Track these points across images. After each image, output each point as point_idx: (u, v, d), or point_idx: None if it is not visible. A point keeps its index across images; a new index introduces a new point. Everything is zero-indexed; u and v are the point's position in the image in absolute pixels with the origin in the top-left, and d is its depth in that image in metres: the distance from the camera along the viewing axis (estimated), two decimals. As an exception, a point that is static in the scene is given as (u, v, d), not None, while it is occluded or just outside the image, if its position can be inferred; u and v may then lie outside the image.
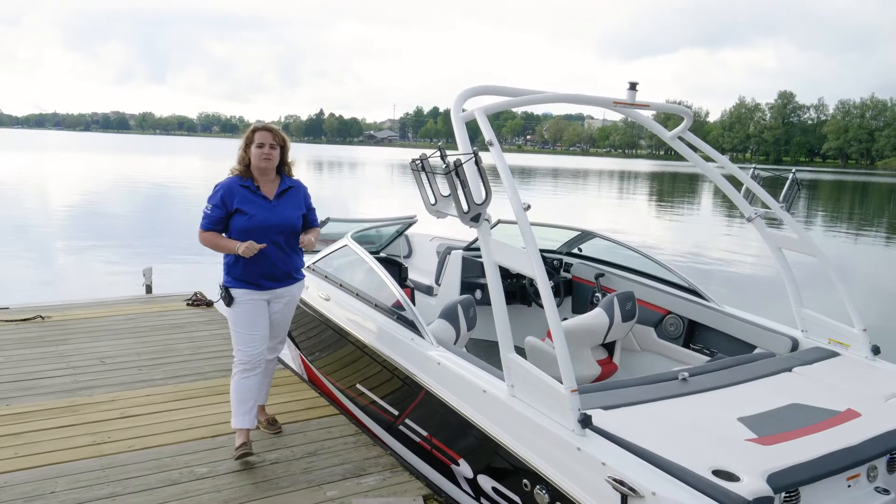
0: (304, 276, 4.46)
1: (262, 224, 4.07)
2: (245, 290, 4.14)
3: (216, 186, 4.14)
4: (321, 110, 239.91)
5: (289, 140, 4.26)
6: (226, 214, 4.08)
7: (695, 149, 4.68)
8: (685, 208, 33.62)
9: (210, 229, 4.11)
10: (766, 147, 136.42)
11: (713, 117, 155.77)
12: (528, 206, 3.37)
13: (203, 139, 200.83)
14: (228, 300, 4.15)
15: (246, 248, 3.96)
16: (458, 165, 3.26)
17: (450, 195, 3.35)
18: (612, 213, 29.09)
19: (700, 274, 14.35)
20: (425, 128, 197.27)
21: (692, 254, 17.43)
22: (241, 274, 4.12)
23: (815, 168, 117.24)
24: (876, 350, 4.17)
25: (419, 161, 3.47)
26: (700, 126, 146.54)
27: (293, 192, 4.27)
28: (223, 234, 4.16)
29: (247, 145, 4.13)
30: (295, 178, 4.35)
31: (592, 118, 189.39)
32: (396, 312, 4.41)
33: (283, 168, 4.26)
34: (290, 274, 4.28)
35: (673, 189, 49.41)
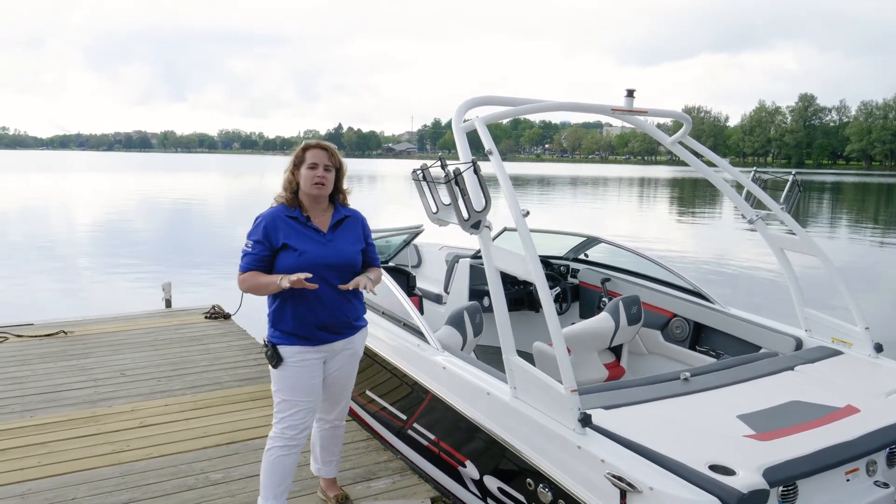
0: (366, 323, 3.71)
1: (315, 262, 3.34)
2: (297, 348, 3.41)
3: (257, 218, 3.44)
4: (340, 124, 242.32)
5: (345, 163, 3.60)
6: (270, 252, 3.37)
7: (696, 154, 4.74)
8: (706, 213, 33.42)
9: (251, 269, 3.36)
10: (788, 150, 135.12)
11: (733, 121, 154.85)
12: (527, 213, 3.46)
13: (223, 156, 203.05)
14: (276, 360, 3.40)
15: (295, 279, 3.19)
16: (457, 174, 3.35)
17: (451, 204, 3.44)
18: (633, 221, 29.00)
19: (728, 280, 14.33)
20: (443, 139, 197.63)
21: (717, 260, 17.38)
22: (292, 326, 3.39)
23: (839, 171, 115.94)
24: (878, 348, 4.20)
25: (420, 171, 3.57)
26: (720, 131, 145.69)
27: (351, 224, 3.57)
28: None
29: (296, 166, 3.45)
30: (351, 206, 3.67)
31: (611, 126, 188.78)
32: (403, 320, 4.50)
33: (336, 196, 3.57)
34: (349, 323, 3.54)
35: (693, 195, 49.13)
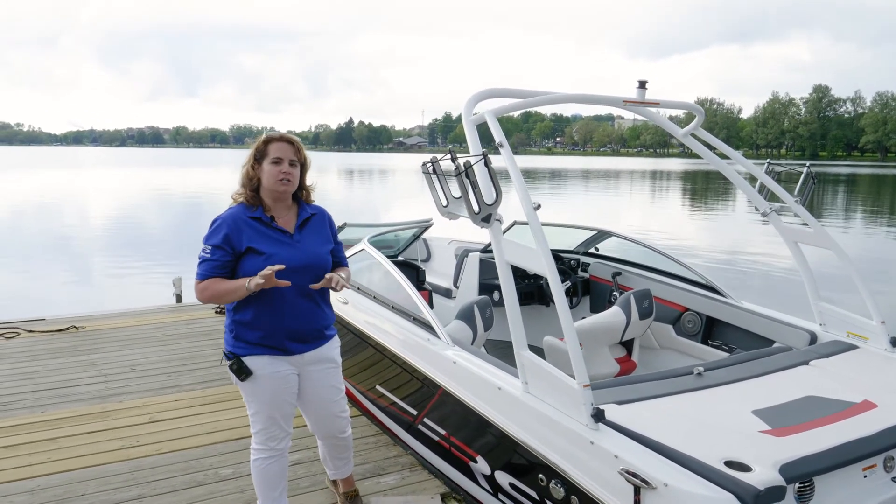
0: (335, 332, 3.49)
1: (284, 266, 3.05)
2: (267, 359, 3.17)
3: (215, 220, 3.14)
4: (350, 119, 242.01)
5: (309, 158, 3.32)
6: (233, 257, 3.09)
7: (709, 146, 4.67)
8: (719, 206, 33.19)
9: (211, 277, 3.07)
10: (802, 142, 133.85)
11: (746, 113, 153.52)
12: (539, 206, 3.41)
13: (235, 151, 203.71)
14: (244, 373, 3.15)
15: (263, 276, 2.94)
16: (467, 167, 3.31)
17: (461, 197, 3.40)
18: (645, 214, 28.85)
19: (740, 274, 14.21)
20: (454, 133, 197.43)
21: (730, 254, 17.26)
22: (258, 336, 3.14)
23: (854, 162, 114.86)
24: (894, 342, 4.12)
25: (430, 164, 3.53)
26: (733, 123, 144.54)
27: (317, 222, 3.34)
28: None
29: (256, 160, 3.16)
30: (315, 204, 3.43)
31: (623, 118, 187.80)
32: (413, 314, 4.47)
33: (300, 193, 3.31)
34: (321, 332, 3.32)
35: (706, 188, 48.83)
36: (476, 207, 3.34)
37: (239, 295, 3.05)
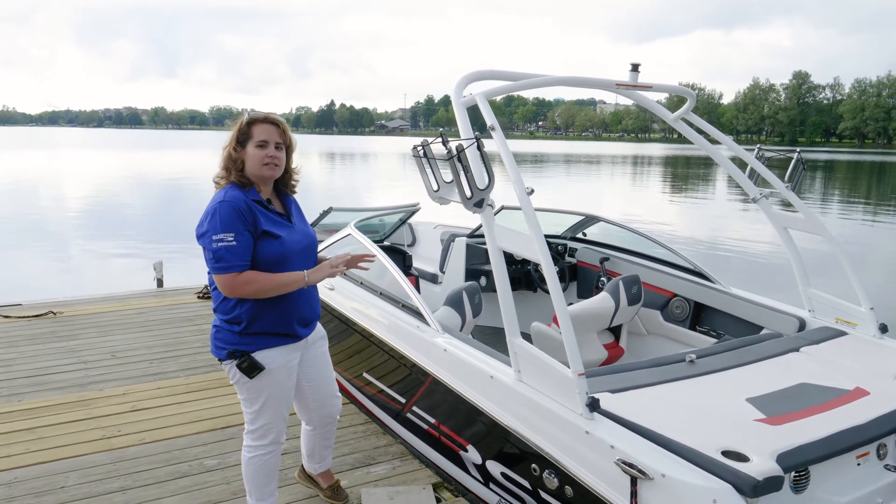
0: None
1: (294, 247, 3.03)
2: (277, 350, 3.04)
3: (222, 206, 2.88)
4: (332, 101, 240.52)
5: (295, 140, 3.16)
6: (254, 242, 2.93)
7: (699, 130, 4.64)
8: (700, 191, 33.36)
9: (248, 267, 2.89)
10: (781, 128, 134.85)
11: (727, 99, 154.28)
12: (532, 191, 3.36)
13: (215, 132, 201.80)
14: (255, 370, 2.98)
15: (346, 264, 3.13)
16: (459, 151, 3.24)
17: (452, 181, 3.33)
18: (628, 199, 28.92)
19: (726, 259, 14.28)
20: (436, 116, 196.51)
21: (714, 239, 17.34)
22: (268, 326, 2.99)
23: (832, 148, 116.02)
24: (883, 328, 4.13)
25: (421, 147, 3.46)
26: (714, 108, 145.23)
27: (295, 204, 3.28)
28: None
29: (239, 142, 2.99)
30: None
31: (605, 103, 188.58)
32: (401, 301, 4.41)
33: (285, 177, 3.18)
34: (318, 313, 3.32)
35: (687, 173, 49.06)
36: (468, 192, 3.29)
37: (292, 289, 2.97)
